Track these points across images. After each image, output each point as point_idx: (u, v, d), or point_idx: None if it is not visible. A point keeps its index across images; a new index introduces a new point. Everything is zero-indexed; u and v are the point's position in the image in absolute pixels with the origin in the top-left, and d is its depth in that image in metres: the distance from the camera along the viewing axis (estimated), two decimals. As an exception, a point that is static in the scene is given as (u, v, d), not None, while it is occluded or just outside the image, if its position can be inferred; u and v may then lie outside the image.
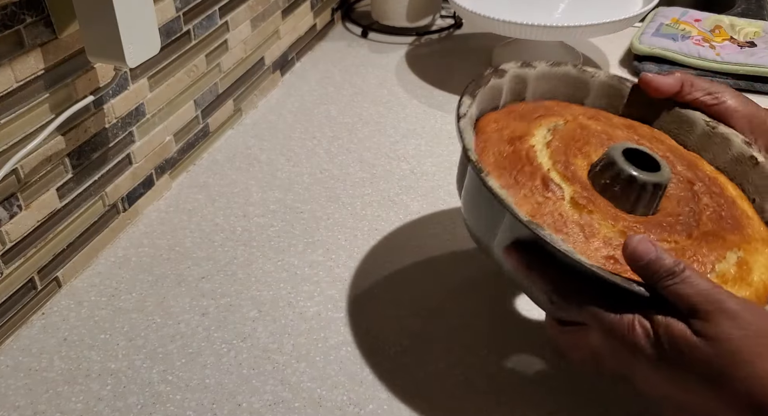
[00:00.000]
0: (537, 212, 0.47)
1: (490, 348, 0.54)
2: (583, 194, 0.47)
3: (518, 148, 0.51)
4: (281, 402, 0.50)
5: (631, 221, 0.46)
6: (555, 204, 0.47)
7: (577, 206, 0.47)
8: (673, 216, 0.47)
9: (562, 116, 0.54)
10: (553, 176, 0.48)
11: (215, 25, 0.74)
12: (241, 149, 0.78)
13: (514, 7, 0.90)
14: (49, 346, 0.54)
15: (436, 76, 0.93)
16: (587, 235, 0.45)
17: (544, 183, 0.48)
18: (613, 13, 0.82)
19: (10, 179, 0.51)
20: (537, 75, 0.57)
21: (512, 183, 0.49)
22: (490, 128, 0.54)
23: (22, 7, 0.49)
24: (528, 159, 0.50)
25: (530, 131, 0.53)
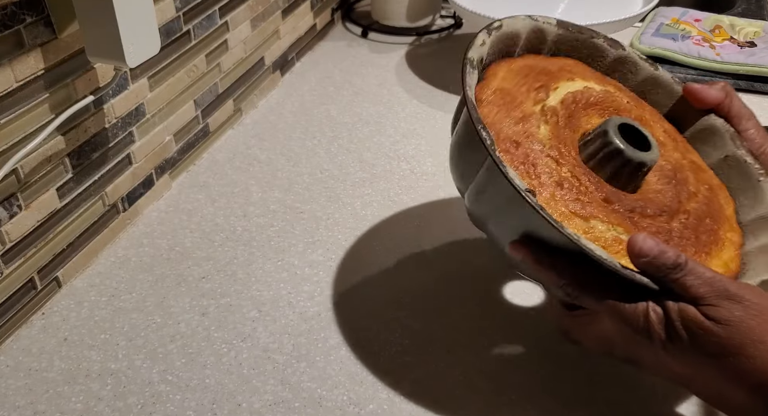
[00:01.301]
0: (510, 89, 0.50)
1: (491, 348, 0.54)
2: (557, 109, 0.49)
3: (561, 73, 0.53)
4: (281, 402, 0.50)
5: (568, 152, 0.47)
6: (527, 97, 0.49)
7: (541, 111, 0.49)
8: (642, 199, 0.47)
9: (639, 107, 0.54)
10: (554, 93, 0.50)
11: (215, 25, 0.74)
12: (241, 149, 0.78)
13: (514, 7, 0.90)
14: (49, 346, 0.54)
15: (436, 76, 0.93)
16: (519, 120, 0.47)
17: (541, 87, 0.50)
18: (613, 13, 0.82)
19: (10, 179, 0.51)
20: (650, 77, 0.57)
21: (520, 74, 0.51)
22: (563, 62, 0.55)
23: (22, 7, 0.49)
24: (554, 77, 0.52)
25: (589, 78, 0.54)
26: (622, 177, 0.47)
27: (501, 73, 0.52)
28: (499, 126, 0.47)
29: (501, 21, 0.53)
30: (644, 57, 0.58)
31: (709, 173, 0.52)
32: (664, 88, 0.57)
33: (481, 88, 0.50)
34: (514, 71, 0.52)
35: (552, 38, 0.56)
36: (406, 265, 0.62)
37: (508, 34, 0.53)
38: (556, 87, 0.51)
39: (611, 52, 0.57)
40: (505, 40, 0.54)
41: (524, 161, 0.45)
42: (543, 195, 0.44)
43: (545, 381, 0.51)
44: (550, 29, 0.56)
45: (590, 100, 0.51)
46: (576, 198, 0.44)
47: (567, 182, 0.45)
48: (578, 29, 0.57)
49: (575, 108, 0.50)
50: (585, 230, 0.43)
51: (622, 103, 0.53)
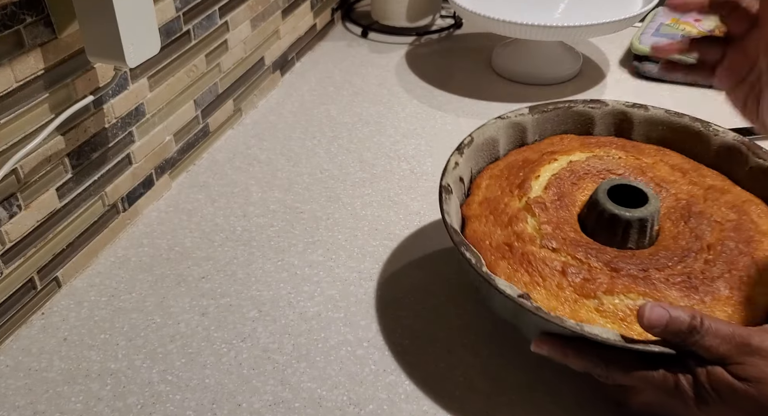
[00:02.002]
0: (491, 197, 0.51)
1: (491, 348, 0.54)
2: (541, 199, 0.50)
3: (542, 158, 0.54)
4: (281, 402, 0.49)
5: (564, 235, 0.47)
6: (511, 199, 0.51)
7: (526, 207, 0.50)
8: (656, 251, 0.47)
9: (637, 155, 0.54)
10: (535, 182, 0.51)
11: (215, 25, 0.74)
12: (241, 149, 0.78)
13: (514, 7, 0.90)
14: (49, 346, 0.54)
15: (436, 76, 0.93)
16: (508, 223, 0.49)
17: (521, 183, 0.51)
18: (613, 13, 0.82)
19: (9, 179, 0.51)
20: (645, 118, 0.58)
21: (500, 176, 0.53)
22: (549, 141, 0.58)
23: (22, 7, 0.49)
24: (534, 165, 0.53)
25: (572, 151, 0.55)
26: (632, 237, 0.47)
27: (484, 183, 0.53)
28: (491, 236, 0.48)
29: (471, 135, 0.54)
30: (629, 104, 0.59)
31: (735, 192, 0.51)
32: (663, 123, 0.58)
33: (468, 204, 0.52)
34: (496, 176, 0.53)
35: (531, 125, 0.57)
36: (406, 265, 0.62)
37: (484, 142, 0.55)
38: (537, 176, 0.52)
39: (596, 113, 0.58)
40: (483, 149, 0.55)
41: (521, 260, 0.46)
42: (548, 288, 0.45)
43: (546, 381, 0.51)
44: (525, 119, 0.57)
45: (578, 174, 0.52)
46: (582, 280, 0.44)
47: (570, 267, 0.45)
48: (553, 105, 0.58)
49: (564, 187, 0.51)
50: (597, 308, 0.43)
51: (612, 161, 0.54)
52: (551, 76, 0.91)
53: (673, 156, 0.55)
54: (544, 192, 0.51)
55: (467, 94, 0.89)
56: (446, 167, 0.52)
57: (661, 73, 0.61)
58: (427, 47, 1.01)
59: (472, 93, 0.89)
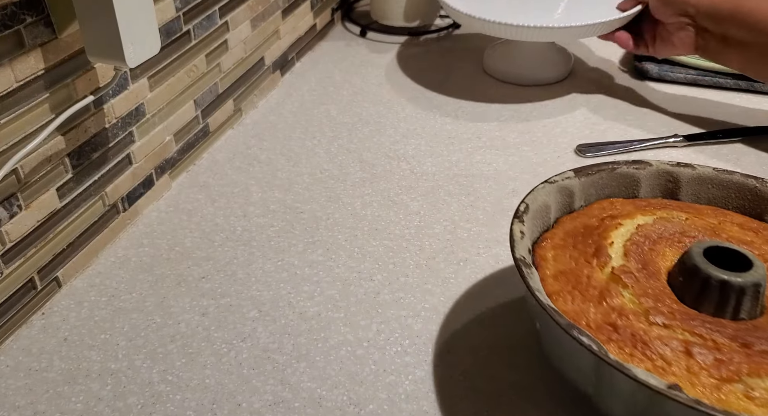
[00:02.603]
0: (567, 270, 0.45)
1: (491, 348, 0.54)
2: (630, 269, 0.44)
3: (604, 223, 0.48)
4: (281, 402, 0.50)
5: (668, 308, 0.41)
6: (591, 269, 0.44)
7: (613, 278, 0.43)
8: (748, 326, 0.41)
9: (699, 215, 0.49)
10: (612, 249, 0.46)
11: (215, 25, 0.74)
12: (241, 149, 0.78)
13: (510, 7, 0.90)
14: (49, 346, 0.54)
15: (436, 76, 0.93)
16: (600, 299, 0.42)
17: (596, 251, 0.45)
18: (612, 13, 0.82)
19: (10, 179, 0.51)
20: (694, 177, 0.53)
21: (568, 245, 0.47)
22: (599, 206, 0.52)
23: (22, 7, 0.49)
24: (602, 231, 0.47)
25: (634, 214, 0.50)
26: (745, 307, 0.41)
27: (549, 254, 0.48)
28: (586, 315, 0.42)
29: (524, 202, 0.49)
30: (674, 163, 0.54)
31: None
32: (712, 181, 0.53)
33: (542, 279, 0.46)
34: (560, 245, 0.48)
35: (578, 189, 0.53)
36: (406, 265, 0.62)
37: (538, 209, 0.50)
38: (611, 242, 0.47)
39: (641, 174, 0.54)
40: (537, 216, 0.50)
41: (633, 342, 0.40)
42: (678, 374, 0.38)
43: (546, 381, 0.51)
44: (573, 182, 0.52)
45: (652, 239, 0.47)
46: (715, 361, 0.38)
47: (693, 346, 0.39)
48: (597, 167, 0.54)
49: (643, 253, 0.46)
50: (746, 394, 0.37)
51: (681, 223, 0.49)
52: (542, 77, 0.90)
53: (733, 216, 0.51)
54: (626, 260, 0.45)
55: (467, 94, 0.89)
56: (512, 237, 0.46)
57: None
58: (427, 47, 1.01)
59: (472, 93, 0.89)
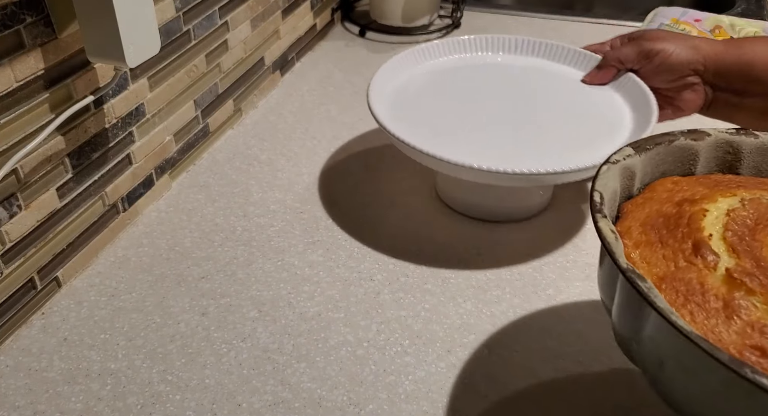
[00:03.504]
0: (669, 275, 0.38)
1: (491, 348, 0.54)
2: (748, 269, 0.37)
3: (684, 210, 0.41)
4: (281, 402, 0.50)
5: None
6: (699, 272, 0.38)
7: (731, 282, 0.37)
8: None
9: (723, 195, 0.43)
10: (713, 243, 0.39)
11: (215, 25, 0.74)
12: (241, 149, 0.78)
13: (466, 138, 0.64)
14: (49, 346, 0.54)
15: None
16: (729, 313, 0.35)
17: (695, 247, 0.39)
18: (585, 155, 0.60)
19: (10, 179, 0.51)
20: (757, 146, 0.47)
21: (653, 240, 0.40)
22: (663, 188, 0.45)
23: (22, 7, 0.49)
24: (689, 221, 0.40)
25: (713, 197, 0.43)
26: None
27: (635, 256, 0.41)
28: (718, 336, 0.35)
29: (597, 191, 0.41)
30: (733, 131, 0.47)
31: None
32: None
33: None
34: (645, 244, 0.41)
35: (639, 169, 0.46)
36: (406, 265, 0.62)
37: (611, 197, 0.42)
38: (709, 234, 0.39)
39: (699, 146, 0.47)
40: (609, 207, 0.42)
41: None
42: None
43: (545, 381, 0.51)
44: (634, 161, 0.45)
45: (749, 225, 0.40)
46: (757, 344, 0.34)
47: None
48: (653, 141, 0.47)
49: (750, 246, 0.38)
50: None
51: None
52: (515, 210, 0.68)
53: None
54: (735, 256, 0.38)
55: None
56: (607, 242, 0.37)
57: None
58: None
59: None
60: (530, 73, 0.73)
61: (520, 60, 0.75)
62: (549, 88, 0.70)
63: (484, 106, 0.67)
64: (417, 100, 0.68)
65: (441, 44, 0.75)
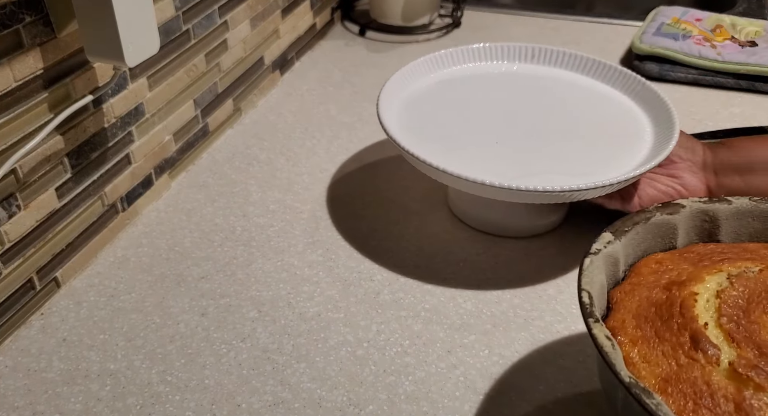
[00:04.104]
0: (673, 376, 0.37)
1: (491, 348, 0.54)
2: (752, 361, 0.36)
3: (674, 295, 0.41)
4: (281, 402, 0.49)
5: None
6: (703, 370, 0.37)
7: (737, 377, 0.36)
8: None
9: (762, 261, 0.43)
10: (710, 333, 0.38)
11: (215, 25, 0.74)
12: (240, 148, 0.78)
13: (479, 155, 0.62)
14: (48, 347, 0.54)
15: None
16: (740, 412, 0.35)
17: (694, 340, 0.38)
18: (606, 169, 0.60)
19: (9, 179, 0.51)
20: (732, 212, 0.47)
21: (650, 336, 0.39)
22: (648, 269, 0.45)
23: (21, 7, 0.49)
24: (682, 309, 0.40)
25: (700, 276, 0.42)
26: None
27: (634, 355, 0.39)
28: None
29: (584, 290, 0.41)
30: (706, 200, 0.48)
31: None
32: (752, 214, 0.48)
33: None
34: (641, 340, 0.40)
35: (621, 254, 0.45)
36: (405, 265, 0.61)
37: (599, 293, 0.42)
38: (704, 323, 0.39)
39: (677, 220, 0.47)
40: (598, 302, 0.41)
41: None
42: None
43: (546, 381, 0.51)
44: (616, 248, 0.45)
45: (742, 306, 0.40)
46: None
47: None
48: (630, 221, 0.46)
49: (747, 331, 0.38)
50: None
51: (757, 276, 0.42)
52: (526, 227, 0.66)
53: None
54: (735, 346, 0.37)
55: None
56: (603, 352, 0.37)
57: None
58: (426, 47, 1.01)
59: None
60: (547, 82, 0.72)
61: (536, 69, 0.74)
62: (566, 98, 0.69)
63: (498, 117, 0.67)
64: (428, 110, 0.67)
65: (454, 53, 0.73)
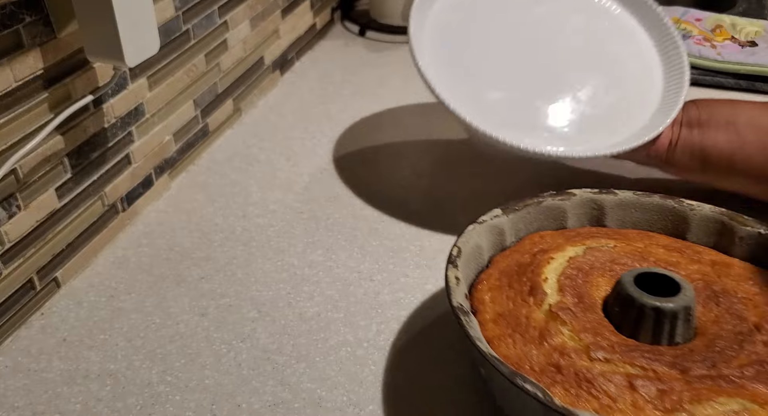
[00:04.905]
0: (507, 313, 0.45)
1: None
2: (566, 305, 0.44)
3: (536, 259, 0.49)
4: (281, 402, 0.49)
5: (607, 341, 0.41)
6: (529, 309, 0.45)
7: (551, 315, 0.44)
8: (709, 342, 0.42)
9: (626, 241, 0.50)
10: (547, 284, 0.46)
11: (214, 25, 0.74)
12: (240, 148, 0.78)
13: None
14: (48, 347, 0.54)
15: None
16: (541, 340, 0.42)
17: (532, 288, 0.46)
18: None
19: (8, 179, 0.51)
20: (617, 202, 0.54)
21: (503, 285, 0.47)
22: (530, 241, 0.52)
23: (21, 7, 0.49)
24: (534, 267, 0.48)
25: (563, 246, 0.50)
26: (679, 331, 0.42)
27: (486, 297, 0.48)
28: (529, 358, 0.42)
29: (456, 246, 0.49)
30: (596, 191, 0.55)
31: (737, 264, 0.49)
32: (634, 205, 0.54)
33: (481, 324, 0.46)
34: (496, 287, 0.48)
35: (507, 227, 0.53)
36: (406, 265, 0.61)
37: (471, 251, 0.50)
38: (545, 278, 0.47)
39: (567, 205, 0.54)
40: (471, 259, 0.50)
41: (578, 382, 0.39)
42: (625, 410, 0.38)
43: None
44: (502, 220, 0.53)
45: (585, 270, 0.47)
46: (657, 392, 0.38)
47: (635, 379, 0.39)
48: (523, 202, 0.54)
49: (577, 286, 0.46)
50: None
51: (610, 252, 0.49)
52: None
53: (658, 237, 0.52)
54: (561, 295, 0.45)
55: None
56: (448, 285, 0.45)
57: None
58: (427, 47, 1.01)
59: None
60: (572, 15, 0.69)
61: None
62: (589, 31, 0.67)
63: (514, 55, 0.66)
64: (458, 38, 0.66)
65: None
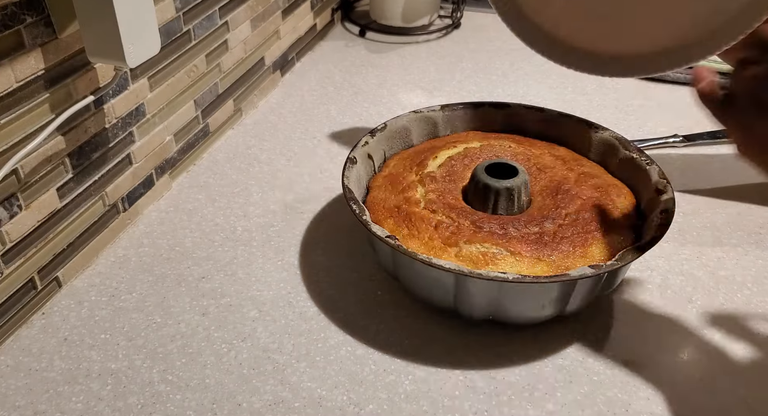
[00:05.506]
0: (396, 172, 0.60)
1: (490, 348, 0.54)
2: (436, 177, 0.59)
3: (446, 145, 0.63)
4: (281, 402, 0.50)
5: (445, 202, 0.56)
6: (409, 173, 0.60)
7: (419, 180, 0.59)
8: (522, 215, 0.55)
9: (521, 145, 0.64)
10: (433, 161, 0.61)
11: (215, 26, 0.74)
12: (241, 149, 0.78)
13: None
14: (50, 346, 0.54)
15: (435, 76, 0.93)
16: (403, 190, 0.58)
17: (421, 161, 0.61)
18: None
19: (10, 179, 0.51)
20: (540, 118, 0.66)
21: (409, 157, 0.62)
22: (457, 135, 0.66)
23: (22, 7, 0.49)
24: (436, 150, 0.62)
25: (472, 140, 0.64)
26: (502, 205, 0.56)
27: (393, 163, 0.63)
28: (386, 201, 0.57)
29: (385, 123, 0.64)
30: (528, 106, 0.67)
31: (604, 178, 0.60)
32: (555, 121, 0.66)
33: (375, 178, 0.61)
34: (404, 158, 0.63)
35: (441, 120, 0.67)
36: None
37: (397, 130, 0.65)
38: (435, 156, 0.61)
39: (499, 113, 0.67)
40: (396, 136, 0.65)
41: (405, 219, 0.55)
42: (421, 239, 0.53)
43: (546, 381, 0.51)
44: (436, 115, 0.66)
45: (471, 157, 0.61)
46: (449, 233, 0.53)
47: (442, 224, 0.54)
48: (464, 104, 0.67)
49: (456, 167, 0.60)
50: (457, 254, 0.52)
51: (502, 149, 0.63)
52: None
53: (560, 150, 0.64)
54: (438, 169, 0.60)
55: (465, 93, 0.89)
56: (356, 144, 0.61)
57: None
58: (426, 47, 1.01)
59: (470, 93, 0.89)
60: None
61: None
62: None
63: None
64: None
65: None
